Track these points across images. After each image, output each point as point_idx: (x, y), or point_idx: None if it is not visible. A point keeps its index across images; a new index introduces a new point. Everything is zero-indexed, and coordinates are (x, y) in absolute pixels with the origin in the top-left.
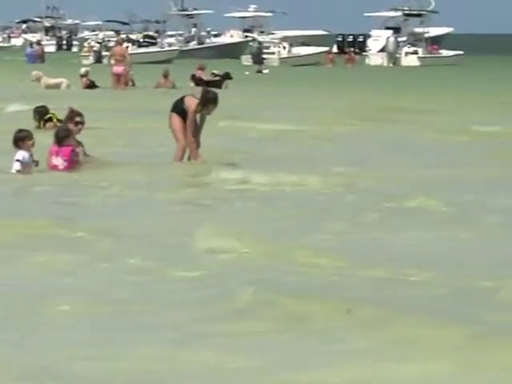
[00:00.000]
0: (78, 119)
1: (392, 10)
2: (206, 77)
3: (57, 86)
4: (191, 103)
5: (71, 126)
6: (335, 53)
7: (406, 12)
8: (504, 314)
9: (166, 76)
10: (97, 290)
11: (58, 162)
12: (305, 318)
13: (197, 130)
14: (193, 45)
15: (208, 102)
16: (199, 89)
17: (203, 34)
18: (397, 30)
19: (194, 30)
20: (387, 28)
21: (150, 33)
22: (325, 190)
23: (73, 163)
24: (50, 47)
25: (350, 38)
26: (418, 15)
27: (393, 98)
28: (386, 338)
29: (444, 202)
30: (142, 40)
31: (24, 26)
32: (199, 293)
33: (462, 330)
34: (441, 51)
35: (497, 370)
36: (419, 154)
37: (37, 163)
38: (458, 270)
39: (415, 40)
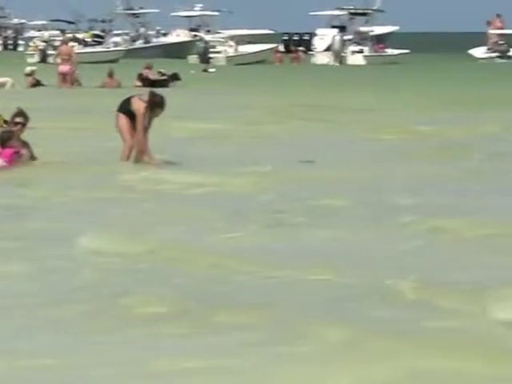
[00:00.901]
0: (17, 119)
1: (337, 8)
2: (153, 76)
3: (1, 85)
4: (139, 107)
5: (12, 126)
6: (282, 52)
7: (352, 11)
8: (403, 312)
9: (110, 75)
10: None
11: None
12: (210, 321)
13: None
14: (139, 44)
15: (155, 105)
16: (146, 90)
17: (151, 33)
18: (342, 29)
19: (142, 29)
20: (333, 27)
21: (99, 32)
22: (244, 191)
23: (14, 165)
24: None
25: (296, 37)
26: (364, 14)
27: (333, 97)
28: (292, 339)
29: (361, 201)
30: (91, 39)
31: None
32: (101, 296)
33: (364, 329)
34: (386, 50)
35: (391, 369)
36: (349, 154)
37: None
38: (365, 270)
39: (361, 39)
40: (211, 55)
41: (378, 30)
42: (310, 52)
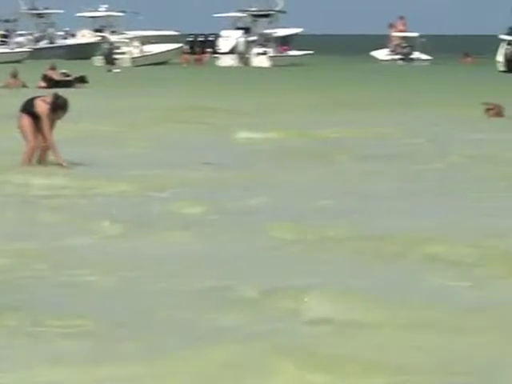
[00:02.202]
0: None
1: (239, 10)
2: (57, 77)
3: None
4: (43, 109)
5: None
6: (188, 53)
7: (254, 13)
8: (240, 316)
9: (14, 76)
10: None
11: None
12: (35, 329)
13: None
14: (43, 44)
15: (58, 107)
16: (50, 92)
17: (60, 33)
18: (247, 31)
19: (51, 29)
20: (237, 28)
21: (3, 32)
22: (116, 194)
23: None
24: None
25: (201, 38)
26: (266, 15)
27: (231, 99)
28: (119, 348)
29: (220, 205)
30: None
31: None
32: None
33: (202, 334)
34: (290, 51)
35: (212, 371)
36: (231, 156)
37: None
38: (211, 275)
39: (265, 40)
40: (116, 56)
41: (282, 31)
42: (216, 54)
